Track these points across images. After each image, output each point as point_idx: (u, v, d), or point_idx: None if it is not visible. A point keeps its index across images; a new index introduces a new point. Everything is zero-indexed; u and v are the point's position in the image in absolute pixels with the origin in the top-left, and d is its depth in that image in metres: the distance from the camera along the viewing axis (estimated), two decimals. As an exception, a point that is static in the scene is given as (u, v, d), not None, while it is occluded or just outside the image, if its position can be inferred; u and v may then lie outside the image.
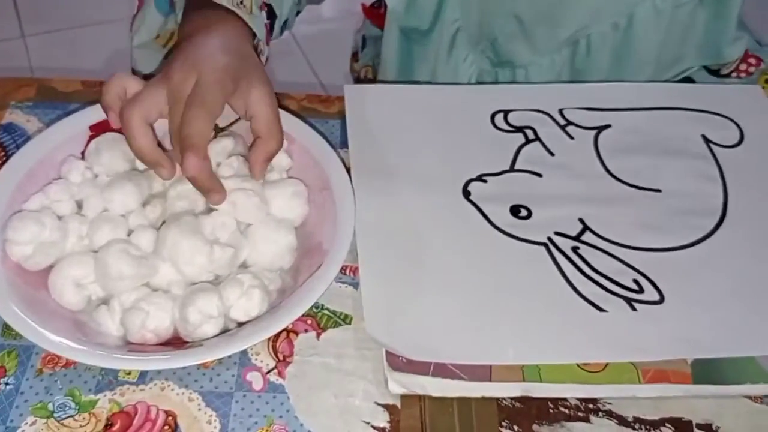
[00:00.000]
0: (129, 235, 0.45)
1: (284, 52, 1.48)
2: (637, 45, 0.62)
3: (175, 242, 0.42)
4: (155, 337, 0.42)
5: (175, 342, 0.43)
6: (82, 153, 0.50)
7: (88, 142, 0.50)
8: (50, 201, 0.46)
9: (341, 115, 0.58)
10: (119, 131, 0.48)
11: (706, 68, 0.68)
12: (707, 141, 0.58)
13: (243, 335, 0.41)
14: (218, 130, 0.52)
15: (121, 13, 1.51)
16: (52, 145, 0.48)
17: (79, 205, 0.47)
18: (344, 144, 0.56)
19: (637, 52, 0.62)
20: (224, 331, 0.43)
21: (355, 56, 0.85)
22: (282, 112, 0.52)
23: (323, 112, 0.59)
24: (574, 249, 0.50)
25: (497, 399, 0.44)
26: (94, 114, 0.50)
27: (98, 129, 0.50)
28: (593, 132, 0.58)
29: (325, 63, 1.42)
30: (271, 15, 0.55)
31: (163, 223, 0.45)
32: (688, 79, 0.69)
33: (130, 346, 0.43)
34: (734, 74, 0.68)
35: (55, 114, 0.56)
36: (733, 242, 0.51)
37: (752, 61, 0.66)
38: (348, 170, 0.51)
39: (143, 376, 0.43)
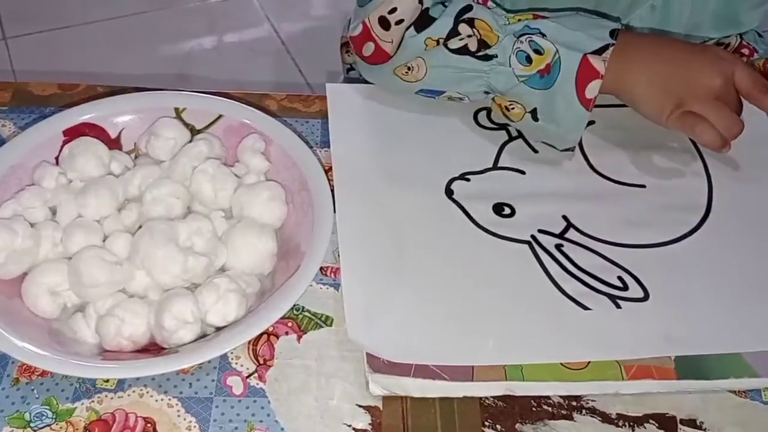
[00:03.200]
0: (104, 240, 0.45)
1: (269, 51, 1.47)
2: (673, 21, 0.61)
3: (149, 251, 0.42)
4: (131, 344, 0.42)
5: (153, 348, 0.43)
6: (57, 158, 0.49)
7: (62, 146, 0.49)
8: (23, 208, 0.45)
9: (322, 115, 0.57)
10: (94, 135, 0.48)
11: None
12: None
13: (219, 340, 0.40)
14: (195, 133, 0.51)
15: (104, 14, 1.50)
16: (25, 150, 0.48)
17: (53, 212, 0.47)
18: (325, 144, 0.55)
19: (674, 28, 0.62)
20: (202, 336, 0.43)
21: (346, 46, 0.84)
22: (259, 113, 0.51)
23: (304, 111, 0.58)
24: (558, 246, 0.50)
25: (480, 398, 0.43)
26: (69, 118, 0.49)
27: (72, 133, 0.49)
28: (577, 128, 0.58)
29: (312, 62, 1.41)
30: None
31: (140, 227, 0.45)
32: None
33: (106, 353, 0.42)
34: None
35: (31, 118, 0.55)
36: (717, 237, 0.51)
37: (745, 51, 0.66)
38: (327, 170, 0.50)
39: (121, 383, 0.42)
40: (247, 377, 0.43)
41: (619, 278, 0.48)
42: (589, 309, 0.47)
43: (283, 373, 0.44)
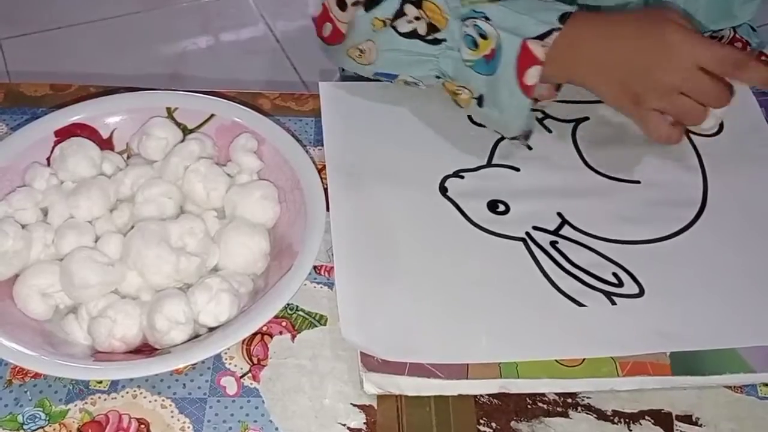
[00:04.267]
0: (96, 241, 0.44)
1: (264, 49, 1.47)
2: None
3: (140, 252, 0.42)
4: (123, 345, 0.42)
5: (146, 349, 0.43)
6: (48, 159, 0.49)
7: (54, 147, 0.49)
8: (13, 209, 0.45)
9: (315, 113, 0.57)
10: (85, 136, 0.47)
11: None
12: (686, 130, 0.58)
13: (212, 341, 0.40)
14: (187, 132, 0.51)
15: (98, 14, 1.49)
16: (16, 151, 0.48)
17: (45, 213, 0.47)
18: (318, 142, 0.55)
19: None
20: (195, 336, 0.43)
21: None
22: (251, 112, 0.51)
23: (297, 110, 0.58)
24: (553, 243, 0.50)
25: (475, 396, 0.43)
26: (60, 118, 0.49)
27: (64, 134, 0.49)
28: (571, 124, 0.58)
29: (307, 61, 1.41)
30: None
31: (132, 228, 0.44)
32: None
33: (99, 354, 0.42)
34: None
35: (24, 119, 0.55)
36: (713, 233, 0.51)
37: (738, 45, 0.65)
38: (321, 169, 0.50)
39: (114, 384, 0.42)
40: (241, 377, 0.43)
41: (614, 274, 0.48)
42: (584, 306, 0.46)
43: (277, 372, 0.43)
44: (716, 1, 0.61)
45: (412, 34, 0.51)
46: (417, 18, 0.50)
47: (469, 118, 0.57)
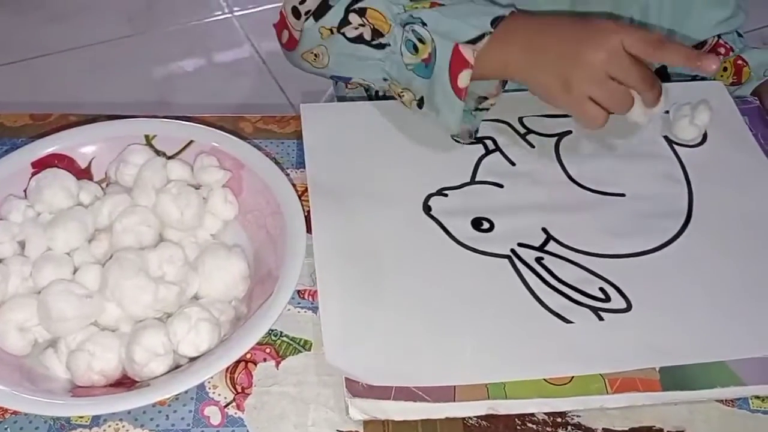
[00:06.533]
0: (75, 273, 0.44)
1: (250, 70, 1.47)
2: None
3: (118, 282, 0.41)
4: (103, 378, 0.41)
5: (127, 381, 0.42)
6: (26, 191, 0.48)
7: (31, 179, 0.48)
8: (-11, 243, 0.45)
9: (297, 136, 0.57)
10: (63, 167, 0.47)
11: None
12: (670, 142, 0.58)
13: (192, 371, 0.40)
14: (167, 159, 0.51)
15: (83, 41, 1.49)
16: (-8, 185, 0.47)
17: (22, 246, 0.46)
18: (301, 164, 0.55)
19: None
20: (176, 366, 0.42)
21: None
22: (230, 137, 0.51)
23: (279, 132, 0.58)
24: (538, 260, 0.49)
25: (463, 418, 0.43)
26: (36, 150, 0.49)
27: (41, 165, 0.49)
28: (554, 139, 0.58)
29: (294, 82, 1.41)
30: None
31: (111, 257, 0.44)
32: (663, 72, 0.68)
33: (78, 389, 0.41)
34: None
35: (3, 150, 0.54)
36: (699, 243, 0.51)
37: (721, 50, 0.66)
38: (304, 191, 0.50)
39: (96, 419, 0.41)
40: (225, 407, 0.42)
41: (601, 289, 0.48)
42: (572, 322, 0.46)
43: (261, 400, 0.43)
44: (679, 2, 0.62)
45: (359, 39, 0.53)
46: (362, 25, 0.53)
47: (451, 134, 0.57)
